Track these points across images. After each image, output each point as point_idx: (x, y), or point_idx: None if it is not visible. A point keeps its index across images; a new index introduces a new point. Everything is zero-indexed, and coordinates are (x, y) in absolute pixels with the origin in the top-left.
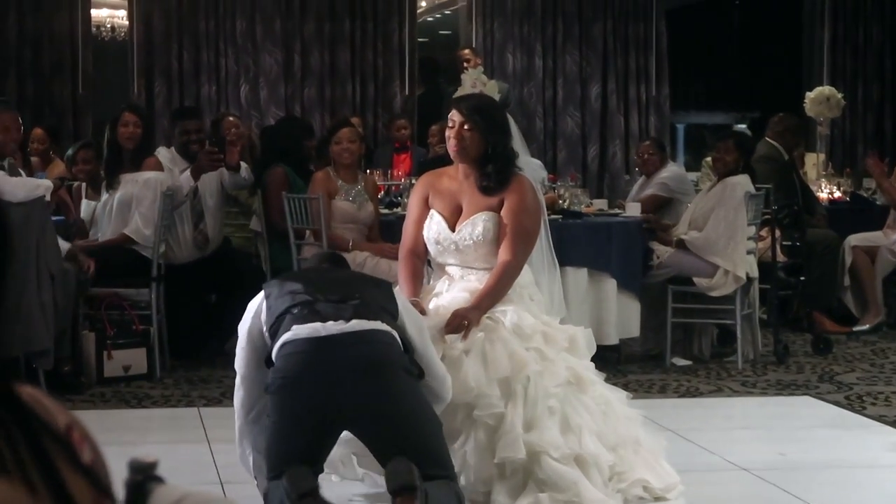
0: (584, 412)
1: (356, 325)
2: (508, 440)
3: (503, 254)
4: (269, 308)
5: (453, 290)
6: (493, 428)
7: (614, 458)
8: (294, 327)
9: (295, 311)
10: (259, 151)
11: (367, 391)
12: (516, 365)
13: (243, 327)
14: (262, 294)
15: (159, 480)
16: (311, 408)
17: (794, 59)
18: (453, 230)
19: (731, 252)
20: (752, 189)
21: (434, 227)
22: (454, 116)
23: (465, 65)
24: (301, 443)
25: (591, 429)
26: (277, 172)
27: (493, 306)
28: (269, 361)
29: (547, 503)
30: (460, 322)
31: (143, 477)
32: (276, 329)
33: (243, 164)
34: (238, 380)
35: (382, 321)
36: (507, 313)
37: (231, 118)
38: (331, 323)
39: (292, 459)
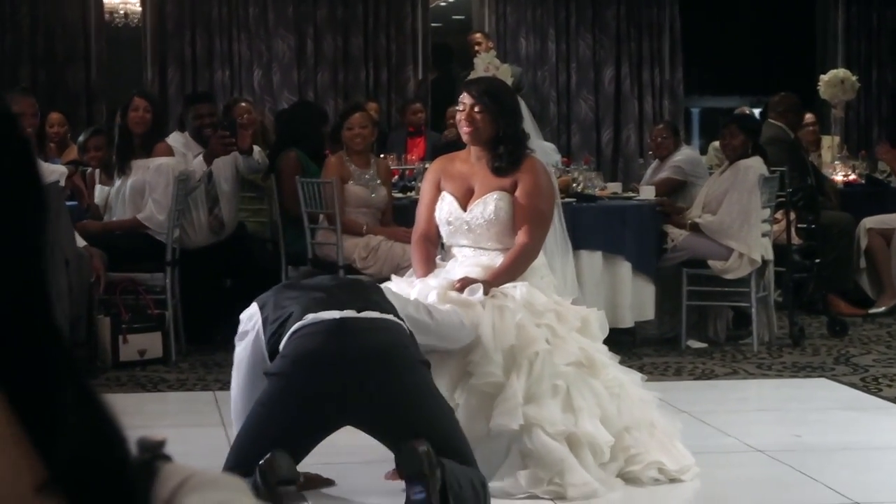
0: (590, 395)
1: (369, 314)
2: (507, 408)
3: (520, 236)
4: (266, 319)
5: (465, 265)
6: (489, 395)
7: (630, 440)
8: (307, 315)
9: (302, 307)
10: (274, 136)
11: (382, 378)
12: (524, 339)
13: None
14: (255, 307)
15: (167, 459)
16: (322, 391)
17: (808, 43)
18: (465, 210)
19: (746, 235)
20: (765, 171)
21: (446, 207)
22: (464, 99)
23: (477, 48)
24: (296, 427)
25: (594, 413)
26: (290, 157)
27: (507, 282)
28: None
29: (524, 482)
30: (470, 284)
31: (151, 455)
32: (279, 333)
33: (256, 148)
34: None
35: (392, 315)
36: (517, 288)
37: (243, 103)
38: (347, 311)
39: (276, 445)
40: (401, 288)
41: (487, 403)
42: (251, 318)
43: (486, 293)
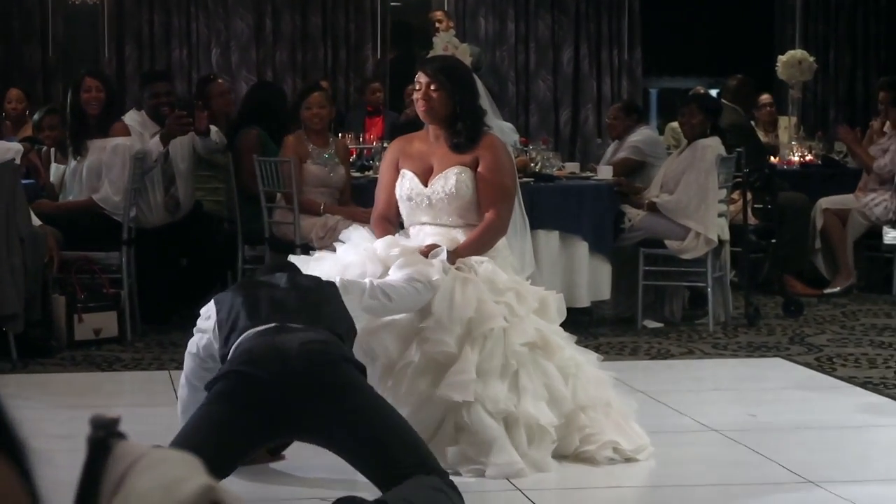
0: (540, 377)
1: (307, 336)
2: (458, 380)
3: (488, 213)
4: (220, 321)
5: (426, 238)
6: (440, 364)
7: (585, 420)
8: (248, 331)
9: (248, 316)
10: (235, 114)
11: (320, 405)
12: (483, 313)
13: (192, 341)
14: (212, 306)
15: (121, 437)
16: (261, 401)
17: (766, 24)
18: (426, 186)
19: (703, 215)
20: (723, 151)
21: (406, 184)
22: (420, 78)
23: (437, 26)
24: (228, 452)
25: (540, 395)
26: (251, 134)
27: (474, 255)
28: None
29: (450, 458)
30: (434, 250)
31: (106, 433)
32: (228, 339)
33: (213, 128)
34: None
35: (340, 326)
36: (483, 264)
37: (220, 80)
38: (289, 327)
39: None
40: (359, 260)
41: (434, 367)
42: (208, 316)
43: (451, 262)
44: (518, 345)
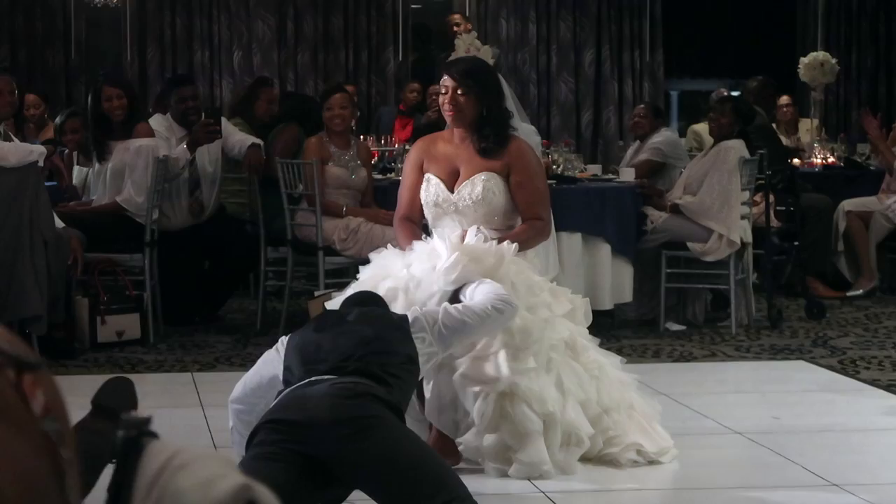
0: (574, 377)
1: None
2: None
3: (531, 216)
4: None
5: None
6: (516, 346)
7: (609, 422)
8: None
9: (300, 361)
10: (279, 113)
11: (348, 449)
12: (533, 303)
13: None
14: (277, 353)
15: (153, 436)
16: (292, 453)
17: (788, 25)
18: (452, 192)
19: (725, 216)
20: (746, 154)
21: (432, 189)
22: (446, 82)
23: (456, 29)
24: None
25: (579, 397)
26: (291, 128)
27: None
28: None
29: (485, 443)
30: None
31: (138, 432)
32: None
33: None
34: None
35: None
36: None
37: (274, 89)
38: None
39: None
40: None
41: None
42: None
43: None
44: (556, 339)
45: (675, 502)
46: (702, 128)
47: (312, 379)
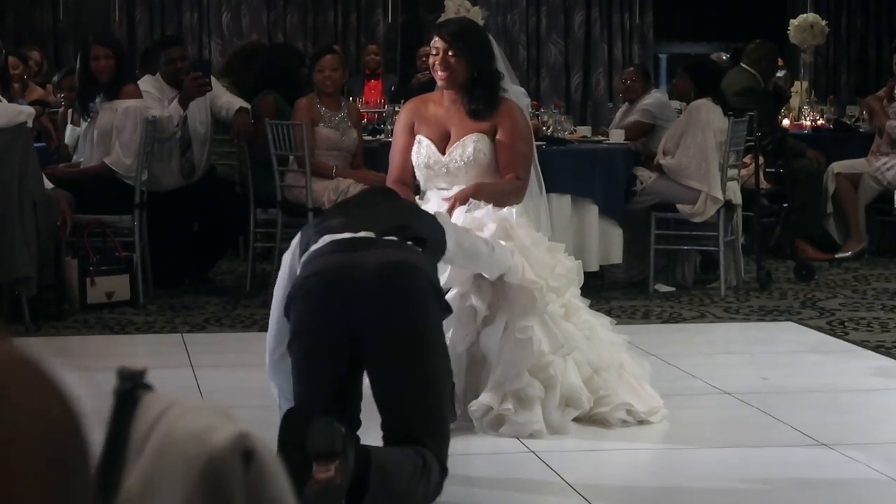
0: (570, 339)
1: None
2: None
3: (508, 176)
4: (302, 240)
5: (443, 205)
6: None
7: (599, 382)
8: (323, 237)
9: (321, 229)
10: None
11: (388, 298)
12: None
13: (284, 262)
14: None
15: (148, 388)
16: (328, 319)
17: None
18: (443, 154)
19: (705, 173)
20: (718, 111)
21: (423, 151)
22: (437, 44)
23: None
24: (320, 375)
25: (577, 359)
26: (268, 100)
27: (490, 201)
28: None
29: (491, 402)
30: (463, 196)
31: (133, 384)
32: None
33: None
34: (271, 319)
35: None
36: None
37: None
38: (362, 233)
39: (314, 405)
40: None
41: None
42: (294, 238)
43: (475, 195)
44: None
45: (664, 462)
46: None
47: (354, 239)
